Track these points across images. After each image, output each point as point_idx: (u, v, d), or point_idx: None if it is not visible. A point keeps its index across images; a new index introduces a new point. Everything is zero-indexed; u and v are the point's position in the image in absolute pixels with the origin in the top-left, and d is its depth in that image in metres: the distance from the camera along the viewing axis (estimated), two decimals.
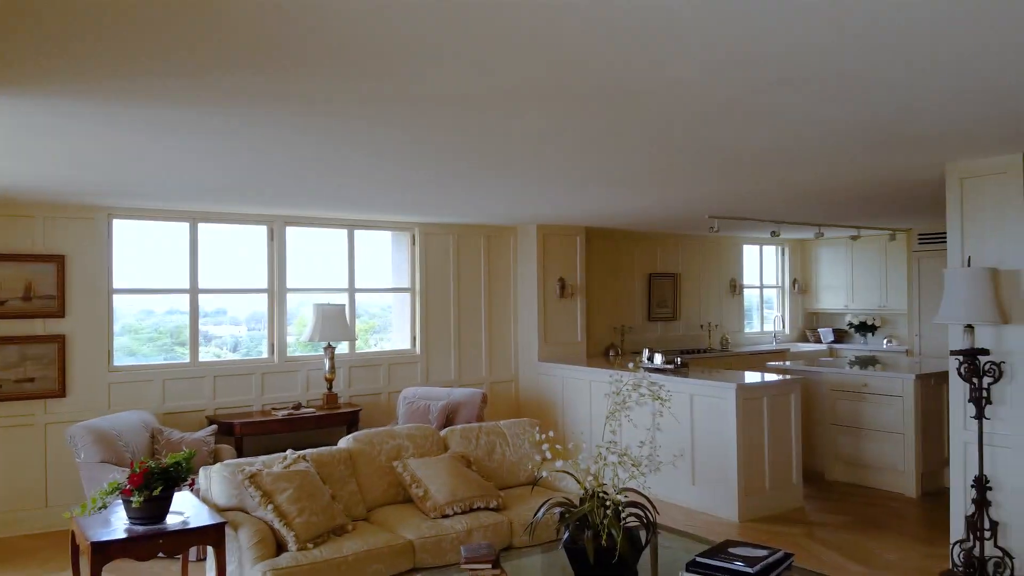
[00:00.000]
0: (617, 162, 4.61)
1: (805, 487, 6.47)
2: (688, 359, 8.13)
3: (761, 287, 11.14)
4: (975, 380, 4.37)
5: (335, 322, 6.82)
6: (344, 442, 4.77)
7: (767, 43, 2.44)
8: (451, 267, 8.01)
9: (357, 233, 7.57)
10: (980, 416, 4.37)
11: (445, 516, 4.32)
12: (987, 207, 4.48)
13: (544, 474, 3.51)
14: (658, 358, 7.17)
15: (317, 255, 7.54)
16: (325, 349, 6.87)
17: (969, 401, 4.43)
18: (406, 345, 7.85)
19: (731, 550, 3.32)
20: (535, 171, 4.88)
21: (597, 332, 8.99)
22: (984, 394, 4.36)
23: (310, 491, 4.09)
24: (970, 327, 4.41)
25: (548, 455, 3.36)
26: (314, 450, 4.56)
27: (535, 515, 3.47)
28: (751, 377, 6.57)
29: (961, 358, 4.42)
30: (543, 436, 3.51)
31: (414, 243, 7.82)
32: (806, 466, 6.73)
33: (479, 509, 4.43)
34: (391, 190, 5.59)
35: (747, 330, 10.85)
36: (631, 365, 3.71)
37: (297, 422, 6.52)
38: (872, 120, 3.53)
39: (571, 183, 5.41)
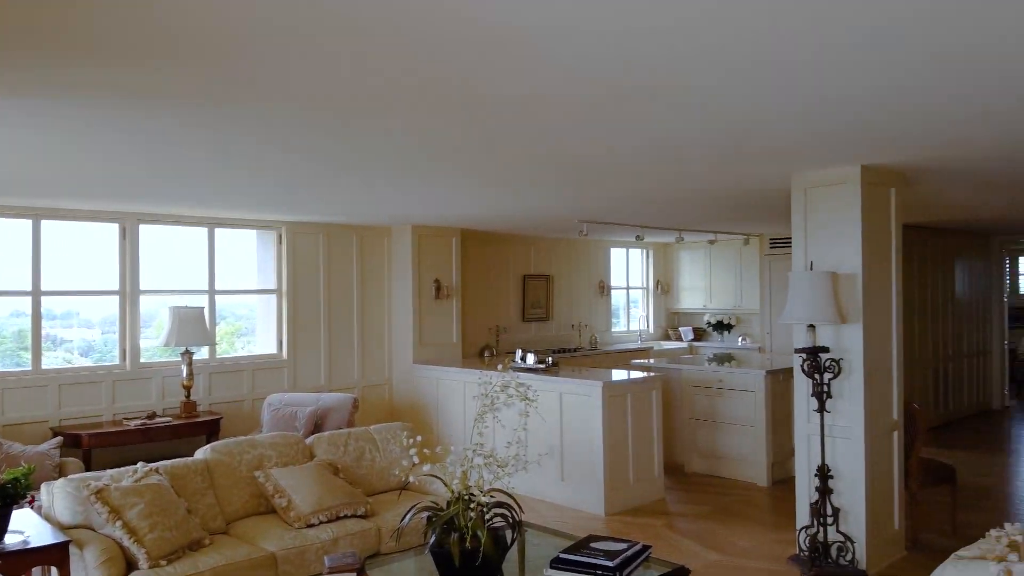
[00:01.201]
0: (487, 167, 4.64)
1: (666, 479, 6.75)
2: (559, 358, 8.31)
3: (627, 288, 11.56)
4: (817, 376, 4.70)
5: (193, 325, 6.47)
6: (201, 453, 4.54)
7: (621, 56, 2.52)
8: (321, 267, 7.80)
9: (219, 232, 7.23)
10: (822, 409, 4.70)
11: (310, 526, 4.19)
12: (828, 214, 4.83)
13: (412, 479, 3.48)
14: (531, 358, 7.27)
15: (175, 255, 7.14)
16: (183, 354, 6.51)
17: (812, 395, 4.77)
18: (272, 349, 7.57)
19: (593, 545, 3.41)
20: (404, 173, 4.83)
21: (473, 333, 9.02)
22: (825, 389, 4.70)
23: (163, 505, 3.86)
24: (812, 326, 4.74)
25: (416, 460, 3.33)
26: (168, 462, 4.32)
27: (402, 520, 3.43)
28: (616, 375, 6.79)
29: (804, 355, 4.74)
30: (412, 440, 3.48)
31: (281, 242, 7.56)
32: (667, 459, 7.03)
33: (346, 517, 4.33)
34: (254, 188, 5.38)
35: (614, 329, 11.23)
36: (500, 366, 3.73)
37: (152, 432, 6.15)
38: (723, 132, 3.73)
39: (442, 186, 5.40)
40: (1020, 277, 14.86)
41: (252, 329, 7.88)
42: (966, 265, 10.39)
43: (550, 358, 7.35)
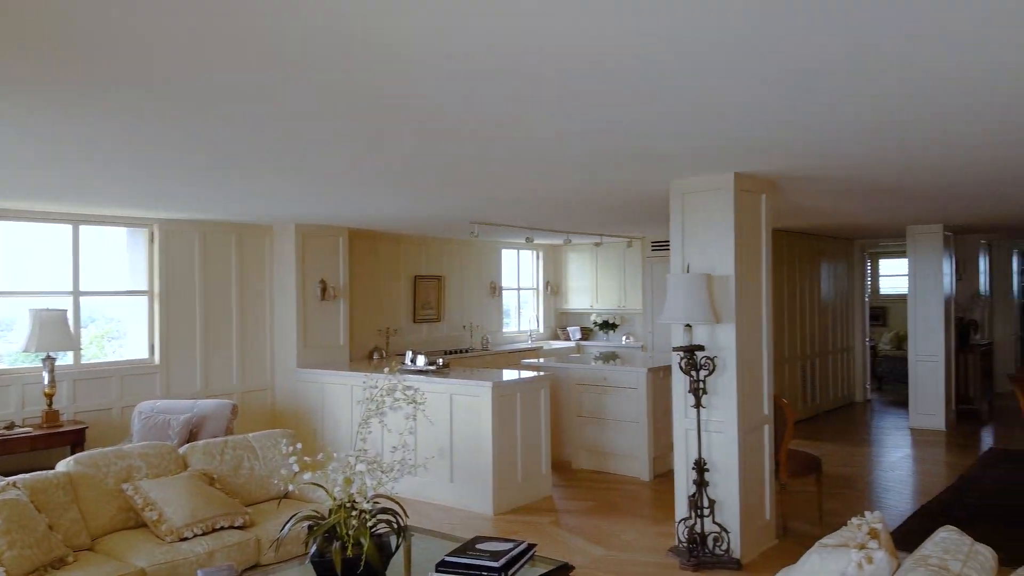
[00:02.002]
0: (370, 167, 4.57)
1: (554, 476, 6.87)
2: (451, 359, 8.28)
3: (519, 289, 11.68)
4: (693, 373, 4.90)
5: (55, 329, 6.03)
6: (63, 465, 4.24)
7: (500, 61, 2.54)
8: (197, 267, 7.43)
9: (84, 229, 6.77)
10: (698, 405, 4.90)
11: (183, 539, 3.99)
12: (704, 219, 5.04)
13: (293, 488, 3.37)
14: (421, 359, 7.21)
15: (36, 254, 6.63)
16: (44, 360, 6.06)
17: (689, 392, 4.96)
18: (143, 354, 7.16)
19: (479, 546, 3.42)
20: (281, 171, 4.68)
21: (361, 335, 8.86)
22: (701, 385, 4.91)
23: (21, 522, 3.59)
24: (689, 326, 4.93)
25: (296, 468, 3.23)
26: (27, 475, 4.01)
27: (281, 530, 3.33)
28: (506, 375, 6.84)
29: (682, 354, 4.93)
30: (291, 448, 3.38)
31: (153, 241, 7.16)
32: (555, 457, 7.16)
33: (223, 529, 4.15)
34: (120, 182, 5.06)
35: (506, 330, 11.31)
36: (386, 369, 3.67)
37: (10, 444, 5.70)
38: (605, 138, 3.82)
39: (325, 184, 5.27)
40: (880, 279, 16.02)
41: (125, 332, 7.43)
42: (831, 267, 11.11)
43: (441, 359, 7.32)
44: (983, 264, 12.02)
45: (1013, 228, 10.21)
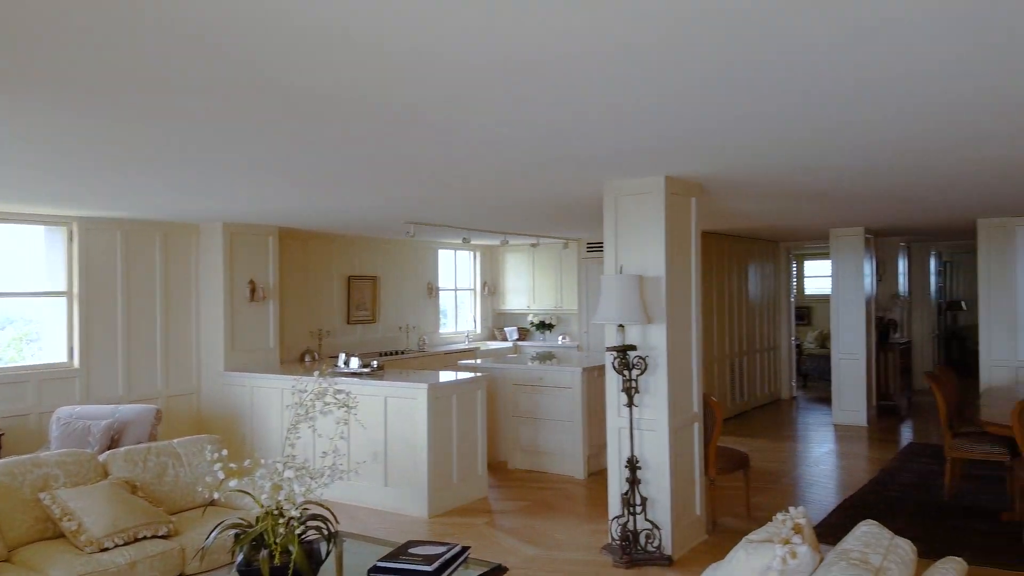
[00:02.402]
0: (297, 164, 4.47)
1: (490, 477, 6.87)
2: (386, 361, 8.20)
3: (456, 290, 11.64)
4: (626, 372, 4.96)
5: None
6: None
7: (433, 58, 2.52)
8: (119, 267, 7.15)
9: None
10: (630, 404, 4.97)
11: (104, 550, 3.84)
12: (636, 221, 5.11)
13: (218, 495, 3.27)
14: (355, 362, 7.11)
15: None
16: None
17: (621, 391, 5.03)
18: (62, 357, 6.85)
19: (412, 550, 3.39)
20: (206, 167, 4.55)
21: (292, 337, 8.68)
22: (633, 385, 4.98)
23: None
24: (622, 326, 5.00)
25: (221, 475, 3.14)
26: None
27: (206, 539, 3.23)
28: (442, 376, 6.81)
29: (615, 353, 4.99)
30: (216, 454, 3.28)
31: (72, 239, 6.86)
32: (491, 457, 7.16)
33: (145, 538, 4.01)
34: (34, 177, 4.83)
35: (443, 331, 11.26)
36: (316, 373, 3.60)
37: None
38: (538, 140, 3.83)
39: (251, 181, 5.14)
40: (806, 279, 16.56)
41: (42, 335, 7.10)
42: (759, 269, 11.43)
43: (376, 361, 7.23)
44: (902, 265, 12.54)
45: (931, 231, 10.67)
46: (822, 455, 8.24)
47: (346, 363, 7.12)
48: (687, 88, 2.91)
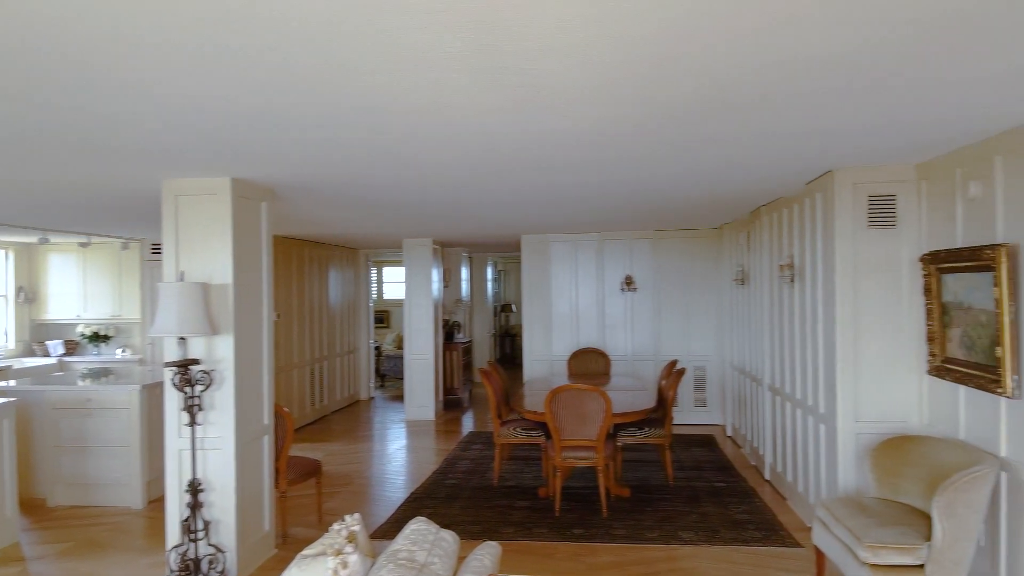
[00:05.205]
0: None
1: (26, 519, 5.81)
2: None
3: None
4: (188, 389, 4.58)
5: None
6: None
7: None
8: None
9: None
10: (193, 423, 4.60)
11: None
12: (200, 225, 4.75)
13: None
14: None
15: None
16: None
17: (183, 409, 4.63)
18: None
19: None
20: None
21: None
22: (196, 402, 4.62)
23: None
24: (183, 339, 4.61)
25: None
26: None
27: None
28: None
29: (175, 369, 4.58)
30: None
31: None
32: (26, 495, 6.08)
33: None
34: None
35: None
36: None
37: None
38: (76, 128, 3.31)
39: None
40: (384, 285, 17.38)
41: None
42: (340, 274, 11.65)
43: None
44: (465, 272, 13.92)
45: (488, 244, 12.01)
46: (394, 452, 8.68)
47: None
48: (248, 91, 2.77)
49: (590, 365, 9.20)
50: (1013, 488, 3.66)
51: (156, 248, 9.57)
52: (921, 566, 3.66)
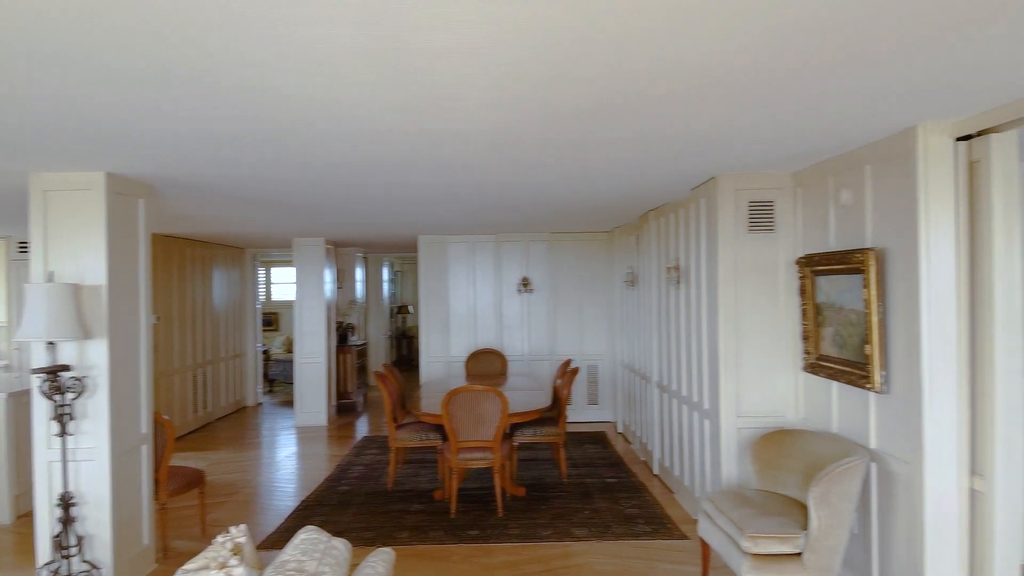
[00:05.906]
0: None
1: None
2: None
3: None
4: (58, 397, 4.28)
5: None
6: None
7: None
8: None
9: None
10: (63, 433, 4.30)
11: None
12: (71, 222, 4.45)
13: None
14: None
15: None
16: None
17: (53, 419, 4.32)
18: None
19: None
20: None
21: None
22: (68, 410, 4.32)
23: None
24: (52, 343, 4.30)
25: None
26: None
27: None
28: None
29: (43, 376, 4.27)
30: None
31: None
32: None
33: None
34: None
35: None
36: None
37: None
38: None
39: None
40: (273, 286, 16.82)
41: None
42: (225, 275, 11.18)
43: None
44: (360, 273, 13.65)
45: (383, 244, 11.82)
46: (283, 459, 8.40)
47: None
48: (121, 84, 2.61)
49: (487, 366, 9.22)
50: (882, 478, 3.93)
51: (24, 247, 8.89)
52: (799, 554, 3.87)
